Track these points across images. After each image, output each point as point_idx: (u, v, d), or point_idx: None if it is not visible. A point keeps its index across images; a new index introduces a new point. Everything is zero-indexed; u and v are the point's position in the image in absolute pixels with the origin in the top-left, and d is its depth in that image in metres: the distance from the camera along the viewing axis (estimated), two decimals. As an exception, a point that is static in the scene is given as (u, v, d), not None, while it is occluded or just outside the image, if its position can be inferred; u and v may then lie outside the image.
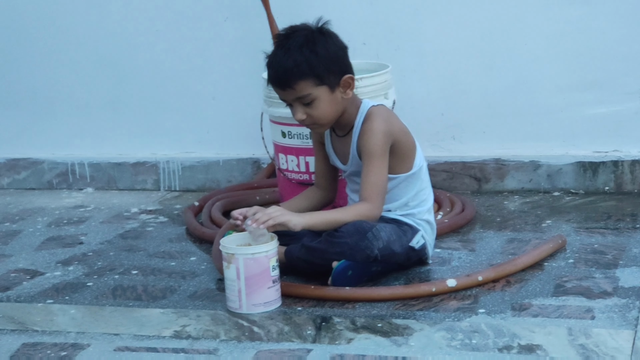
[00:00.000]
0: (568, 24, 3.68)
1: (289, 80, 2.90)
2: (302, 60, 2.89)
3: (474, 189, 3.82)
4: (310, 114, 2.94)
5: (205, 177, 4.07)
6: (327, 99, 2.93)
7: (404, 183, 3.02)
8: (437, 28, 3.78)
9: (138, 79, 4.11)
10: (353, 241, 2.87)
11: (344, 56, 2.98)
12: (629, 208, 3.52)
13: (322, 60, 2.91)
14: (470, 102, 3.81)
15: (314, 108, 2.93)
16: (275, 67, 2.93)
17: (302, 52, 2.89)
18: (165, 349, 2.63)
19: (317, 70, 2.90)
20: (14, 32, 4.18)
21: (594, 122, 3.73)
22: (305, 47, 2.90)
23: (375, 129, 2.94)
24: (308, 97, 2.92)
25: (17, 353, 2.66)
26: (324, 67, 2.90)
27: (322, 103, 2.93)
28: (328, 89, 2.92)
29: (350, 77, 2.96)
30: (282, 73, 2.91)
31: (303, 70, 2.89)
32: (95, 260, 3.33)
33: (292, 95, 2.93)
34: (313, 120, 2.95)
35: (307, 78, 2.90)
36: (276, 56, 2.93)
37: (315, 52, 2.90)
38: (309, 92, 2.91)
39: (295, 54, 2.89)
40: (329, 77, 2.92)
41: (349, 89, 2.97)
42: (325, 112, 2.94)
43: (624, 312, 2.67)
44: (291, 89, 2.91)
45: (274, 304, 2.83)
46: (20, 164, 4.25)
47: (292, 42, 2.92)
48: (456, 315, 2.73)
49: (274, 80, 2.95)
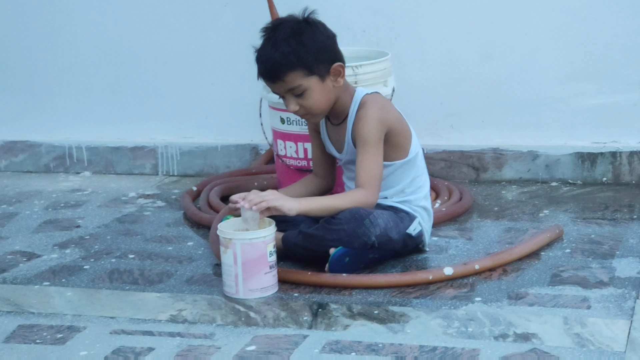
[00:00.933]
0: (569, 14, 3.68)
1: (278, 73, 2.90)
2: (289, 52, 2.88)
3: (471, 178, 3.82)
4: (302, 105, 2.93)
5: (203, 162, 4.07)
6: (318, 88, 2.92)
7: (400, 170, 3.02)
8: (438, 16, 3.78)
9: (137, 64, 4.10)
10: (350, 228, 2.88)
11: (333, 44, 2.97)
12: (627, 199, 3.53)
13: (310, 50, 2.90)
14: (470, 91, 3.81)
15: (305, 98, 2.92)
16: (263, 60, 2.92)
17: (289, 43, 2.89)
18: (161, 333, 2.63)
19: (306, 61, 2.89)
20: (14, 14, 4.17)
21: (593, 113, 3.73)
22: (292, 38, 2.89)
23: (370, 117, 2.94)
24: (299, 88, 2.91)
25: (13, 334, 2.66)
26: (312, 57, 2.90)
27: (314, 93, 2.92)
28: (318, 79, 2.92)
29: (339, 65, 2.95)
30: (271, 66, 2.90)
31: (291, 62, 2.88)
32: (92, 244, 3.33)
33: (283, 87, 2.93)
34: (306, 110, 2.95)
35: (296, 69, 2.89)
36: (264, 50, 2.93)
37: (302, 43, 2.89)
38: (300, 83, 2.90)
39: (282, 46, 2.88)
40: (318, 67, 2.91)
41: (340, 77, 2.96)
42: (317, 102, 2.94)
43: (620, 302, 2.68)
44: (281, 81, 2.91)
45: (271, 290, 2.84)
46: (17, 146, 4.25)
47: (278, 34, 2.91)
48: (453, 303, 2.73)
49: (263, 73, 2.94)
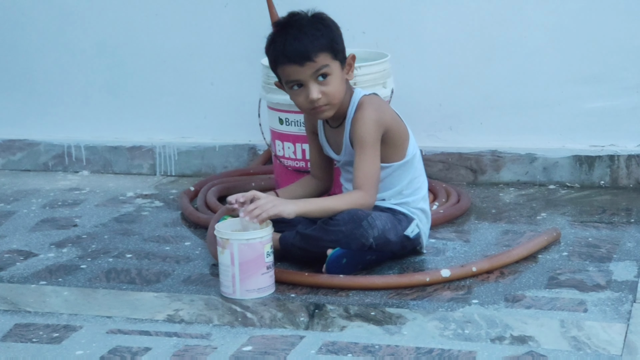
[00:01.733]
0: (567, 17, 3.68)
1: (309, 53, 2.87)
2: (319, 34, 2.89)
3: (469, 180, 3.82)
4: (325, 92, 2.91)
5: (201, 162, 4.07)
6: (339, 75, 2.93)
7: (398, 171, 3.02)
8: (437, 18, 3.78)
9: (136, 63, 4.10)
10: (348, 229, 2.87)
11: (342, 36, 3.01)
12: (624, 202, 3.53)
13: (335, 34, 2.94)
14: (468, 93, 3.81)
15: (328, 84, 2.91)
16: (292, 42, 2.89)
17: (316, 26, 2.91)
18: (158, 333, 2.63)
19: (334, 43, 2.92)
20: (13, 14, 4.17)
21: (591, 116, 3.73)
22: (317, 23, 2.92)
23: (367, 118, 2.93)
24: (326, 69, 2.90)
25: (9, 333, 2.66)
26: (337, 41, 2.93)
27: (335, 79, 2.92)
28: (340, 65, 2.94)
29: (353, 57, 2.98)
30: (303, 47, 2.87)
31: (322, 42, 2.89)
32: (90, 243, 3.33)
33: (311, 69, 2.89)
34: (328, 98, 2.92)
35: (325, 50, 2.90)
36: (289, 34, 2.90)
37: (328, 26, 2.93)
38: (328, 63, 2.90)
39: (310, 28, 2.89)
40: (340, 53, 2.94)
41: (351, 71, 2.99)
42: (338, 90, 2.93)
43: (617, 306, 2.68)
44: (312, 62, 2.88)
45: (268, 290, 2.83)
46: (15, 145, 4.25)
47: (301, 20, 2.92)
48: (449, 305, 2.73)
49: (293, 55, 2.88)
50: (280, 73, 2.95)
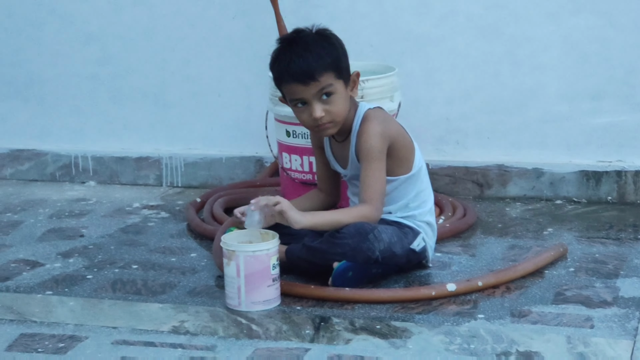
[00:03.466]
0: (575, 33, 3.68)
1: (314, 72, 2.87)
2: (324, 53, 2.89)
3: (476, 195, 3.82)
4: (328, 110, 2.91)
5: (207, 174, 4.07)
6: (342, 94, 2.93)
7: (404, 185, 3.02)
8: (445, 33, 3.78)
9: (143, 74, 4.11)
10: (354, 242, 2.87)
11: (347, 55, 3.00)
12: (631, 218, 3.52)
13: (340, 53, 2.93)
14: (476, 108, 3.81)
15: (332, 103, 2.91)
16: (296, 61, 2.88)
17: (321, 45, 2.90)
18: (163, 344, 2.63)
19: (338, 62, 2.91)
20: (20, 24, 4.18)
21: (598, 132, 3.73)
22: (322, 41, 2.92)
23: (372, 131, 2.93)
24: (330, 88, 2.89)
25: (15, 343, 2.66)
26: (342, 60, 2.93)
27: (339, 98, 2.92)
28: (344, 84, 2.94)
29: (357, 74, 2.98)
30: (307, 66, 2.87)
31: (327, 62, 2.89)
32: (96, 254, 3.33)
33: (315, 88, 2.89)
34: (331, 116, 2.92)
35: (329, 70, 2.89)
36: (294, 52, 2.90)
37: (332, 44, 2.92)
38: (332, 82, 2.90)
39: (316, 48, 2.89)
40: (345, 72, 2.94)
41: (356, 88, 2.99)
42: (341, 108, 2.93)
43: (624, 322, 2.67)
44: (316, 81, 2.88)
45: (273, 303, 2.83)
46: (23, 155, 4.26)
47: (305, 38, 2.92)
48: (455, 319, 2.72)
49: (298, 75, 2.88)
50: (285, 90, 2.96)
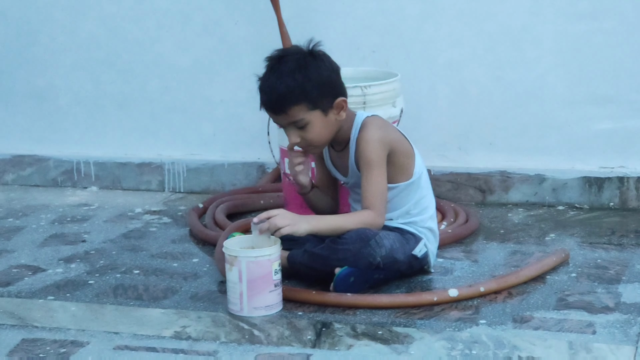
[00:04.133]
0: (577, 38, 3.68)
1: (282, 106, 2.88)
2: (294, 86, 2.86)
3: (478, 200, 3.82)
4: (304, 137, 2.92)
5: (210, 179, 4.07)
6: (320, 122, 2.91)
7: (405, 192, 3.01)
8: (447, 39, 3.79)
9: (146, 80, 4.11)
10: (356, 248, 2.87)
11: (337, 78, 2.96)
12: (634, 224, 3.52)
13: (315, 84, 2.88)
14: (478, 114, 3.81)
15: (307, 132, 2.91)
16: (267, 91, 2.90)
17: (294, 77, 2.87)
18: (164, 349, 2.63)
19: (310, 96, 2.88)
20: (23, 29, 4.19)
21: (600, 137, 3.72)
22: (297, 71, 2.87)
23: (371, 138, 2.93)
24: (301, 122, 2.90)
25: (17, 348, 2.66)
26: (316, 92, 2.88)
27: (316, 126, 2.91)
28: (321, 113, 2.90)
29: (343, 100, 2.94)
30: (275, 98, 2.88)
31: (296, 96, 2.86)
32: (98, 259, 3.33)
33: (285, 120, 2.91)
34: (307, 142, 2.94)
35: (300, 103, 2.87)
36: (268, 80, 2.90)
37: (307, 77, 2.87)
38: (302, 117, 2.89)
39: (287, 79, 2.87)
40: (322, 101, 2.90)
41: (343, 111, 2.95)
42: (319, 135, 2.93)
43: (626, 328, 2.67)
44: (284, 114, 2.89)
45: (275, 308, 2.83)
46: (25, 160, 4.26)
47: (283, 66, 2.89)
48: (457, 325, 2.72)
49: (266, 104, 2.92)
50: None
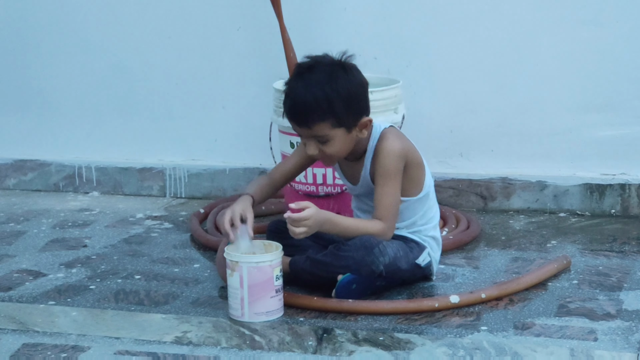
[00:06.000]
0: (579, 45, 3.69)
1: (307, 120, 2.82)
2: (322, 99, 2.79)
3: (479, 207, 3.82)
4: (323, 151, 2.88)
5: (211, 185, 4.07)
6: (342, 139, 2.86)
7: (414, 205, 3.00)
8: (449, 45, 3.79)
9: (148, 85, 4.12)
10: (359, 256, 2.87)
11: (364, 94, 2.89)
12: (635, 231, 3.52)
13: (343, 100, 2.81)
14: (479, 120, 3.81)
15: (328, 146, 2.87)
16: (295, 101, 2.82)
17: (323, 89, 2.80)
18: (165, 355, 2.62)
19: (337, 113, 2.81)
20: (25, 34, 4.19)
21: (602, 144, 3.72)
22: (327, 84, 2.80)
23: (391, 150, 2.90)
24: (324, 138, 2.85)
25: (18, 353, 2.66)
26: (344, 109, 2.82)
27: (337, 143, 2.86)
28: (345, 130, 2.85)
29: (368, 121, 2.89)
30: (302, 111, 2.82)
31: (323, 112, 2.80)
32: (99, 264, 3.33)
33: (307, 132, 2.86)
34: (325, 156, 2.90)
35: (326, 120, 2.81)
36: (296, 89, 2.83)
37: (337, 92, 2.80)
38: (326, 133, 2.84)
39: (316, 92, 2.79)
40: (348, 119, 2.84)
41: (365, 129, 2.90)
42: (339, 151, 2.89)
43: (627, 335, 2.66)
44: (308, 128, 2.84)
45: (276, 314, 2.83)
46: (27, 165, 4.26)
47: (313, 76, 2.81)
48: (458, 331, 2.72)
49: (291, 115, 2.85)
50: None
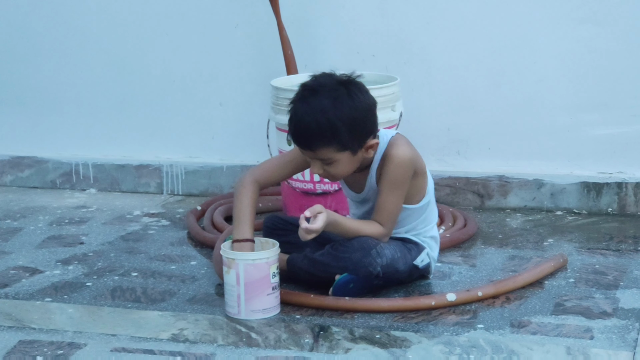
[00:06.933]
0: (577, 44, 3.69)
1: (310, 144, 2.79)
2: (326, 127, 2.74)
3: (476, 205, 3.82)
4: (328, 171, 2.85)
5: (208, 182, 4.07)
6: (347, 161, 2.83)
7: (416, 212, 3.00)
8: (447, 43, 3.79)
9: (146, 82, 4.11)
10: (357, 257, 2.87)
11: (370, 116, 2.83)
12: (632, 230, 3.52)
13: (347, 126, 2.76)
14: (477, 118, 3.81)
15: (333, 167, 2.84)
16: (297, 125, 2.78)
17: (327, 116, 2.74)
18: (162, 352, 2.62)
19: (341, 139, 2.77)
20: (23, 30, 4.19)
21: (599, 143, 3.73)
22: (330, 111, 2.75)
23: (403, 159, 2.87)
24: (328, 160, 2.82)
25: (14, 350, 2.66)
26: (347, 134, 2.77)
27: (342, 164, 2.83)
28: (350, 153, 2.82)
29: (375, 143, 2.85)
30: (305, 135, 2.78)
31: (326, 137, 2.76)
32: (96, 261, 3.33)
33: (312, 155, 2.83)
34: (329, 175, 2.87)
35: (330, 145, 2.78)
36: (300, 113, 2.77)
37: (340, 119, 2.75)
38: (331, 156, 2.81)
39: (319, 118, 2.74)
40: (353, 144, 2.80)
41: (372, 149, 2.87)
42: (344, 171, 2.86)
43: (623, 334, 2.67)
44: (312, 151, 2.82)
45: (273, 311, 2.83)
46: (24, 162, 4.26)
47: (317, 102, 2.76)
48: (455, 329, 2.72)
49: (295, 138, 2.82)
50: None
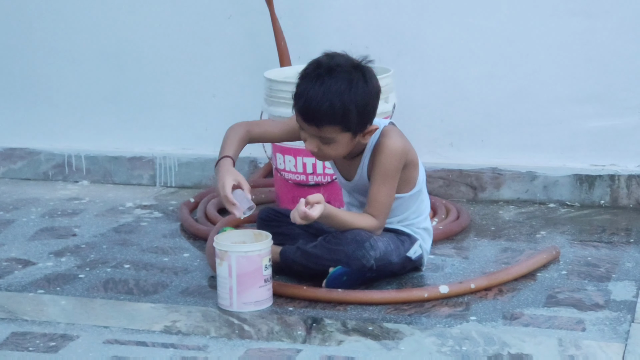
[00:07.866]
0: (570, 36, 3.69)
1: (318, 121, 2.81)
2: (339, 109, 2.77)
3: (469, 197, 3.82)
4: (322, 150, 2.87)
5: (201, 174, 4.07)
6: (345, 142, 2.85)
7: (407, 201, 3.00)
8: (440, 35, 3.79)
9: (139, 73, 4.11)
10: (350, 250, 2.87)
11: (376, 102, 2.87)
12: (624, 222, 3.53)
13: (357, 109, 2.80)
14: (470, 110, 3.81)
15: (329, 147, 2.86)
16: (310, 103, 2.79)
17: (342, 98, 2.78)
18: (154, 344, 2.62)
19: (349, 120, 2.80)
20: (16, 22, 4.18)
21: (592, 135, 3.73)
22: (346, 93, 2.78)
23: (394, 149, 2.89)
24: (329, 139, 2.84)
25: (6, 342, 2.65)
26: (356, 118, 2.81)
27: (340, 145, 2.86)
28: (351, 135, 2.84)
29: (374, 128, 2.88)
30: (315, 112, 2.79)
31: (337, 118, 2.79)
32: (88, 253, 3.32)
33: (313, 131, 2.84)
34: (322, 154, 2.89)
35: (337, 125, 2.81)
36: (313, 92, 2.79)
37: (354, 102, 2.79)
38: (333, 136, 2.83)
39: (334, 100, 2.77)
40: (357, 127, 2.83)
41: (369, 135, 2.89)
42: (338, 153, 2.88)
43: (615, 325, 2.67)
44: (317, 128, 2.83)
45: (265, 303, 2.83)
46: (16, 153, 4.25)
47: (334, 83, 2.79)
48: (447, 321, 2.72)
49: (303, 113, 2.82)
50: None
